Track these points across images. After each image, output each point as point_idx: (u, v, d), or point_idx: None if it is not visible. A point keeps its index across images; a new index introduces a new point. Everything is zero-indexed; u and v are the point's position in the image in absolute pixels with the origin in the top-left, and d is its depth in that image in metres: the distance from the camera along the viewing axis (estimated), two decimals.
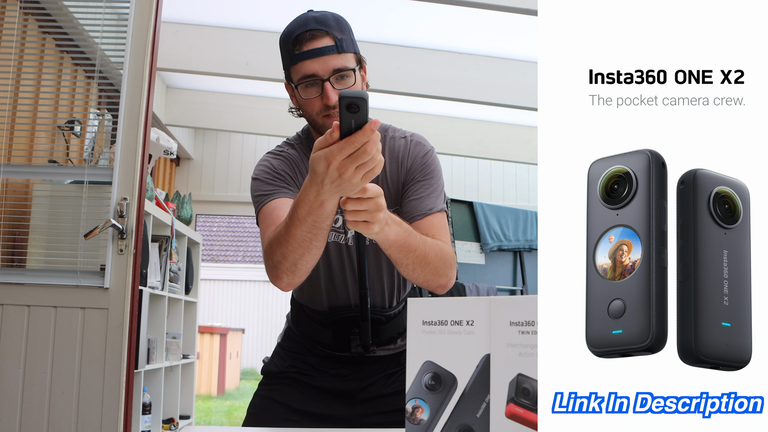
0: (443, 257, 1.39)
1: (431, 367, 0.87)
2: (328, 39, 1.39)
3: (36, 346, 2.18)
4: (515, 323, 0.80)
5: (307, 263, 1.29)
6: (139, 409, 3.64)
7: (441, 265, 1.38)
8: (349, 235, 1.53)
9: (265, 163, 1.51)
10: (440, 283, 1.42)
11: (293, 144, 1.56)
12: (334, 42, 1.39)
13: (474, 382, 0.83)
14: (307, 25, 1.40)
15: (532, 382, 0.77)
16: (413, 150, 1.52)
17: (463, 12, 3.22)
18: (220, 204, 5.71)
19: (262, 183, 1.48)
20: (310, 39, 1.39)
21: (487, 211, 4.82)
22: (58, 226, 2.41)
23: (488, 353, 0.82)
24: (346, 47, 1.41)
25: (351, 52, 1.42)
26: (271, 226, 1.38)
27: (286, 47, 1.43)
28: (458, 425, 0.83)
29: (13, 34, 2.46)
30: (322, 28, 1.40)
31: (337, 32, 1.41)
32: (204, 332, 11.19)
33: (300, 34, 1.40)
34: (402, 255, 1.30)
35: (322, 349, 1.57)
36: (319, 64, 1.39)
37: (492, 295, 1.68)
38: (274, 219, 1.39)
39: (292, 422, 1.50)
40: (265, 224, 1.42)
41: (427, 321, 0.88)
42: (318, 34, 1.39)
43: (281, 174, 1.49)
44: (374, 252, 1.52)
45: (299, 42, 1.40)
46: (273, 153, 1.55)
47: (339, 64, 1.39)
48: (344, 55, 1.41)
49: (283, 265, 1.30)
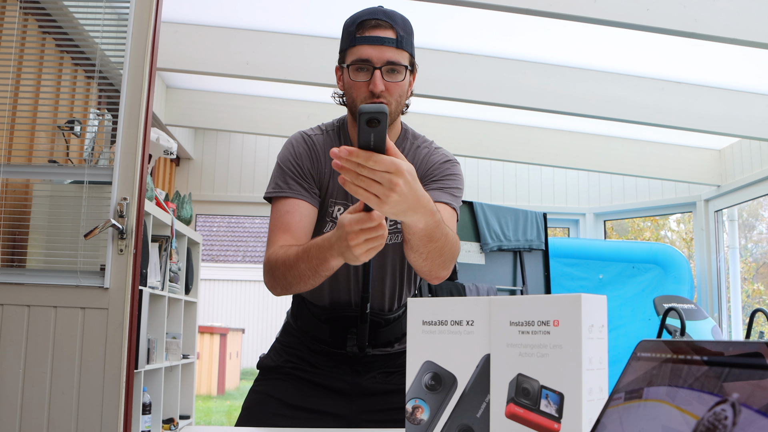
0: (453, 253, 1.41)
1: (431, 367, 0.87)
2: (390, 32, 1.44)
3: (36, 346, 2.18)
4: (515, 323, 0.80)
5: (302, 289, 1.39)
6: (139, 409, 3.64)
7: (450, 258, 1.40)
8: None
9: (290, 150, 1.54)
10: (441, 276, 1.44)
11: (326, 130, 1.59)
12: (395, 36, 1.44)
13: (474, 382, 0.83)
14: (375, 14, 1.45)
15: (532, 382, 0.77)
16: (434, 158, 1.57)
17: (463, 12, 3.22)
18: (220, 204, 5.70)
19: (282, 173, 1.52)
20: (375, 27, 1.44)
21: (487, 211, 4.82)
22: (58, 226, 2.40)
23: (488, 353, 0.82)
24: (405, 45, 1.46)
25: (408, 51, 1.47)
26: (281, 229, 1.45)
27: (348, 29, 1.47)
28: (458, 425, 0.83)
29: (13, 34, 2.46)
30: (389, 20, 1.45)
31: (400, 29, 1.45)
32: (204, 332, 11.19)
33: (366, 20, 1.45)
34: (422, 244, 1.29)
35: (319, 344, 1.57)
36: (375, 51, 1.43)
37: (492, 295, 1.68)
38: (285, 224, 1.45)
39: (286, 417, 1.50)
40: (276, 225, 1.47)
41: (427, 321, 0.88)
42: (383, 24, 1.44)
43: (301, 167, 1.51)
44: (380, 254, 1.52)
45: (363, 27, 1.44)
46: (302, 136, 1.57)
47: (394, 58, 1.44)
48: (401, 52, 1.45)
49: (280, 283, 1.40)
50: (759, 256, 8.52)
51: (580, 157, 5.29)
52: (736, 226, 5.45)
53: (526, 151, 5.23)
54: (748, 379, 0.49)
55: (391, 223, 1.53)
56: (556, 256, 5.27)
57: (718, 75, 3.95)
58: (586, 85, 3.97)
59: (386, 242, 1.50)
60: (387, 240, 1.50)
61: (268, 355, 1.64)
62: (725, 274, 5.30)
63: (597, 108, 4.02)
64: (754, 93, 4.12)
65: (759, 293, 8.35)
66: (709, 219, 5.40)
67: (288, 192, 1.48)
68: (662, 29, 2.84)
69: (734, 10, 2.83)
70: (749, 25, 2.83)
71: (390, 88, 1.44)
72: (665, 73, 3.97)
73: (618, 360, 4.27)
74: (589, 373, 0.74)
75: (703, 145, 5.22)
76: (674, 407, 0.54)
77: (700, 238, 5.45)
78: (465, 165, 5.65)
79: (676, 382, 0.55)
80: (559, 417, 0.74)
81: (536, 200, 5.93)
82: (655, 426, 0.55)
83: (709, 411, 0.50)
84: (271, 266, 1.40)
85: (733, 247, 5.34)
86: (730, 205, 5.23)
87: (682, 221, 10.06)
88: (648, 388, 0.58)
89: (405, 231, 1.26)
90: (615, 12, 2.79)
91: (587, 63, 3.91)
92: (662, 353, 0.59)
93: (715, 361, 0.53)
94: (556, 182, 5.97)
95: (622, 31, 3.06)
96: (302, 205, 1.47)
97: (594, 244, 5.49)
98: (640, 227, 10.31)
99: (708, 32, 2.82)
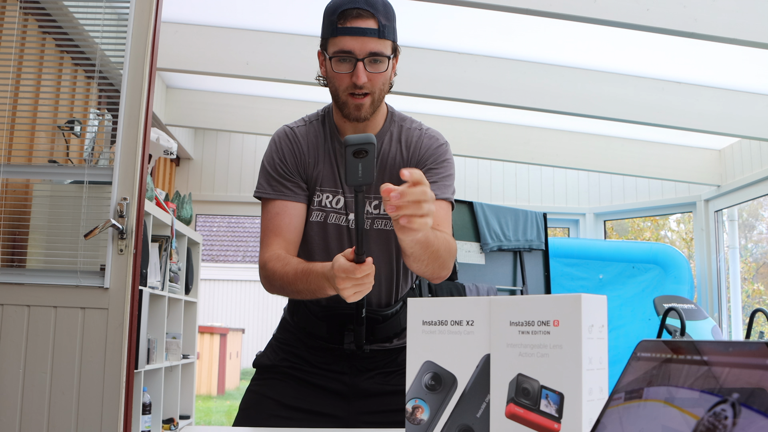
0: (450, 251, 1.44)
1: (431, 367, 0.87)
2: (372, 21, 1.42)
3: (36, 346, 2.18)
4: (515, 323, 0.80)
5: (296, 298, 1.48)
6: (139, 409, 3.64)
7: (448, 258, 1.43)
8: (350, 216, 1.52)
9: (273, 148, 1.56)
10: (442, 276, 1.46)
11: (309, 120, 1.59)
12: (377, 26, 1.43)
13: (474, 382, 0.83)
14: (356, 2, 1.43)
15: (532, 382, 0.77)
16: (426, 142, 1.56)
17: (463, 12, 3.22)
18: (220, 204, 5.70)
19: (266, 173, 1.55)
20: (356, 17, 1.42)
21: (487, 211, 4.82)
22: (58, 226, 2.40)
23: (488, 353, 0.82)
24: (388, 34, 1.45)
25: (390, 39, 1.46)
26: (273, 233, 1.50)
27: (330, 18, 1.46)
28: (458, 425, 0.83)
29: (13, 34, 2.46)
30: (370, 9, 1.43)
31: (382, 17, 1.44)
32: (204, 332, 11.19)
33: (347, 10, 1.42)
34: (422, 250, 1.33)
35: (316, 341, 1.56)
36: (358, 43, 1.42)
37: (492, 295, 1.68)
38: (276, 227, 1.50)
39: (283, 418, 1.49)
40: (267, 227, 1.51)
41: (427, 321, 0.88)
42: (364, 14, 1.42)
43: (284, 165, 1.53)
44: (375, 246, 1.52)
45: (344, 17, 1.42)
46: (285, 132, 1.58)
47: (376, 48, 1.43)
48: (383, 41, 1.44)
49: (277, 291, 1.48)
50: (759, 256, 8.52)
51: (580, 157, 5.29)
52: (736, 226, 5.45)
53: (526, 151, 5.23)
54: (748, 379, 0.49)
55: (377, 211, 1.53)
56: (556, 256, 5.27)
57: (718, 75, 3.95)
58: (586, 85, 3.96)
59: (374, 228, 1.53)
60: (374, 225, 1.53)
61: (264, 353, 1.63)
62: (725, 274, 5.30)
63: (597, 108, 4.02)
64: (754, 93, 4.12)
65: (759, 293, 8.35)
66: (709, 219, 5.40)
67: (272, 194, 1.52)
68: (662, 29, 2.84)
69: (734, 10, 2.83)
70: (749, 25, 2.83)
71: (373, 78, 1.44)
72: (665, 73, 3.97)
73: (618, 360, 4.27)
74: (589, 373, 0.74)
75: (703, 145, 5.22)
76: (674, 407, 0.54)
77: (700, 238, 5.45)
78: (465, 165, 5.65)
79: (676, 382, 0.55)
80: (559, 417, 0.74)
81: (536, 200, 5.93)
82: (655, 426, 0.55)
83: (709, 411, 0.50)
84: (267, 274, 1.47)
85: (733, 247, 5.34)
86: (730, 205, 5.23)
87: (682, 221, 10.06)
88: (648, 388, 0.58)
89: (404, 245, 1.29)
90: (615, 12, 2.79)
91: (587, 63, 3.91)
92: (662, 353, 0.59)
93: (715, 361, 0.53)
94: (556, 182, 5.97)
95: (622, 31, 3.06)
96: (290, 206, 1.51)
97: (594, 244, 5.49)
98: (640, 227, 10.31)
99: (708, 32, 2.82)
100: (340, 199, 1.53)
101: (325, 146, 1.54)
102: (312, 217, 1.54)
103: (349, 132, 1.52)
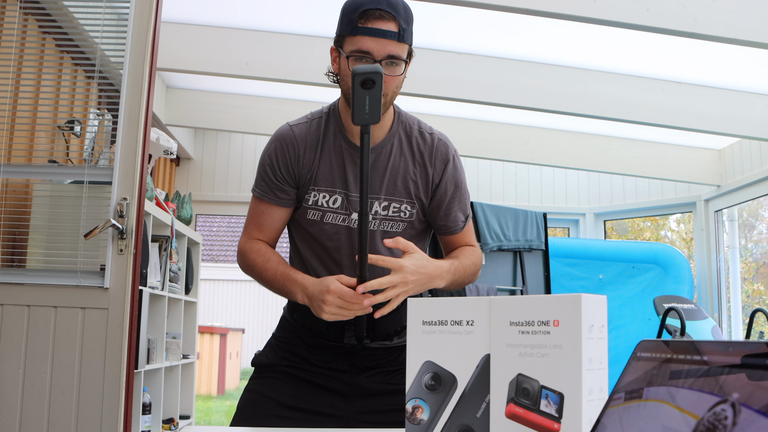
0: (475, 265, 1.58)
1: (431, 367, 0.87)
2: (393, 24, 1.43)
3: (36, 346, 2.18)
4: (515, 323, 0.80)
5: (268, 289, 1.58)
6: (139, 409, 3.64)
7: (474, 271, 1.58)
8: (353, 216, 1.52)
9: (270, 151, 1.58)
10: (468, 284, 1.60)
11: (312, 119, 1.59)
12: (398, 29, 1.43)
13: (474, 382, 0.83)
14: (378, 3, 1.43)
15: (532, 382, 0.77)
16: (440, 150, 1.58)
17: (463, 12, 3.22)
18: (220, 204, 5.70)
19: (260, 176, 1.59)
20: (378, 18, 1.42)
21: (487, 211, 4.82)
22: (58, 226, 2.40)
23: (488, 353, 0.82)
24: (406, 38, 1.46)
25: (408, 43, 1.47)
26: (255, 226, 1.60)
27: (349, 15, 1.45)
28: (458, 425, 0.83)
29: (13, 34, 2.46)
30: (392, 12, 1.43)
31: (403, 21, 1.44)
32: (204, 332, 11.19)
33: (369, 10, 1.42)
34: (452, 286, 1.49)
35: (316, 338, 1.56)
36: (377, 44, 1.42)
37: (492, 295, 1.68)
38: (259, 222, 1.59)
39: (281, 417, 1.48)
40: (252, 219, 1.61)
41: (427, 321, 0.88)
42: (386, 16, 1.42)
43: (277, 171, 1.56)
44: (380, 246, 1.52)
45: (366, 16, 1.42)
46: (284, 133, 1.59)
47: (395, 52, 1.43)
48: (402, 45, 1.45)
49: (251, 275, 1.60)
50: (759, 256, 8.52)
51: (580, 157, 5.29)
52: (736, 226, 5.45)
53: (526, 151, 5.23)
54: (748, 379, 0.49)
55: (385, 213, 1.53)
56: (556, 256, 5.27)
57: (718, 75, 3.95)
58: (586, 85, 3.96)
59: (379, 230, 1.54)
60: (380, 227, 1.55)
61: (263, 352, 1.62)
62: (725, 274, 5.30)
63: (597, 108, 4.02)
64: (754, 93, 4.12)
65: (759, 293, 8.35)
66: (709, 219, 5.40)
67: (260, 194, 1.59)
68: (662, 29, 2.84)
69: (734, 10, 2.83)
70: (749, 25, 2.83)
71: (388, 81, 1.45)
72: (665, 73, 3.97)
73: (618, 360, 4.27)
74: (589, 373, 0.74)
75: (703, 145, 5.22)
76: (674, 407, 0.54)
77: (700, 238, 5.45)
78: (465, 165, 5.62)
79: (676, 382, 0.55)
80: (559, 417, 0.74)
81: (536, 200, 5.93)
82: (655, 426, 0.55)
83: (709, 411, 0.50)
84: (247, 263, 1.58)
85: (733, 247, 5.34)
86: (730, 205, 5.23)
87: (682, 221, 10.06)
88: (648, 388, 0.58)
89: None
90: (615, 12, 2.79)
91: (587, 63, 3.91)
92: (662, 353, 0.59)
93: (715, 361, 0.53)
94: (556, 182, 5.97)
95: (622, 31, 3.06)
96: (273, 209, 1.58)
97: (594, 244, 5.49)
98: (640, 227, 10.30)
99: (708, 32, 2.82)
100: (338, 198, 1.52)
101: (326, 145, 1.54)
102: (308, 215, 1.54)
103: (356, 130, 1.53)
